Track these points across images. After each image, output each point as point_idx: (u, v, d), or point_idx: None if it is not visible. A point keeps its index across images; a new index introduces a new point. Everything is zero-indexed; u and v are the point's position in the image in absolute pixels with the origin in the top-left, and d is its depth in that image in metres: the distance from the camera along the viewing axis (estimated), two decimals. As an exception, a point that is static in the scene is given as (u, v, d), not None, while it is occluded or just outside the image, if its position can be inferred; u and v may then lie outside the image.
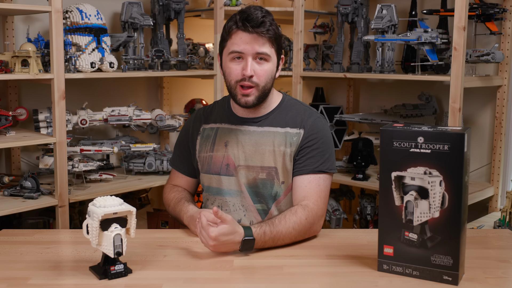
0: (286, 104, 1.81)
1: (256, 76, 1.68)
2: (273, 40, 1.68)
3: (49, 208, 2.46)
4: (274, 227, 1.56)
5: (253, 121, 1.79)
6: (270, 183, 1.75)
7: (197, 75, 3.12)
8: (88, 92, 2.96)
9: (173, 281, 1.36)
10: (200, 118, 1.88)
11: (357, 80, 3.42)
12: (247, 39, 1.66)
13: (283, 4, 3.54)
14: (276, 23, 1.71)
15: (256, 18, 1.64)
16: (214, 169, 1.80)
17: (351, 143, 3.06)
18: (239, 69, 1.68)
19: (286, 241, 1.59)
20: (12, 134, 2.44)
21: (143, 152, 2.94)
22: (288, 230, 1.58)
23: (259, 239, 1.53)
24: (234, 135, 1.79)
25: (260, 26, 1.65)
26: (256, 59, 1.68)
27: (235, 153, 1.77)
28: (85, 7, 2.63)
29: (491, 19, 2.61)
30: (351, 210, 3.50)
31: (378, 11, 2.82)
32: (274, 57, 1.71)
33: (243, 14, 1.67)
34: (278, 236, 1.57)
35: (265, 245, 1.55)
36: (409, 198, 1.34)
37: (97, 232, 1.32)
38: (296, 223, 1.60)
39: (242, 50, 1.66)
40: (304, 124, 1.75)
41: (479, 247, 1.59)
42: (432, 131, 1.30)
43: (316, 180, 1.71)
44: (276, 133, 1.76)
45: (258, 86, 1.69)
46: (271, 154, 1.74)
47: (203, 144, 1.84)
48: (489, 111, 2.85)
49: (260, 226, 1.55)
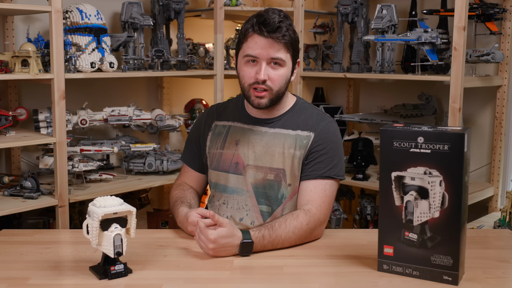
0: (299, 107, 1.81)
1: (270, 81, 1.67)
2: (289, 45, 1.67)
3: (49, 208, 2.46)
4: (273, 231, 1.55)
5: (265, 122, 1.79)
6: (278, 184, 1.74)
7: (197, 75, 3.12)
8: (88, 92, 2.96)
9: (173, 281, 1.36)
10: (213, 114, 1.88)
11: (357, 80, 3.42)
12: (262, 44, 1.64)
13: (283, 4, 3.54)
14: (293, 27, 1.69)
15: (273, 23, 1.63)
16: (223, 166, 1.80)
17: (351, 143, 3.06)
18: (253, 73, 1.67)
19: (286, 245, 1.58)
20: (12, 134, 2.44)
21: (143, 152, 2.94)
22: (288, 234, 1.57)
23: (258, 242, 1.52)
24: (245, 134, 1.79)
25: (276, 32, 1.63)
26: (270, 63, 1.67)
27: (245, 152, 1.77)
28: (85, 7, 2.63)
29: (491, 19, 2.61)
30: (351, 210, 3.50)
31: (378, 11, 2.82)
32: (290, 62, 1.70)
33: (260, 18, 1.65)
34: (277, 240, 1.56)
35: (264, 248, 1.55)
36: (409, 198, 1.34)
37: (97, 232, 1.32)
38: (296, 228, 1.59)
39: (257, 55, 1.65)
40: (315, 128, 1.74)
41: (479, 247, 1.59)
42: (432, 131, 1.30)
43: (322, 185, 1.70)
44: (287, 135, 1.75)
45: (272, 90, 1.69)
46: (281, 156, 1.74)
47: (214, 140, 1.84)
48: (489, 111, 2.85)
49: (259, 229, 1.55)
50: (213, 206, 1.85)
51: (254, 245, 1.51)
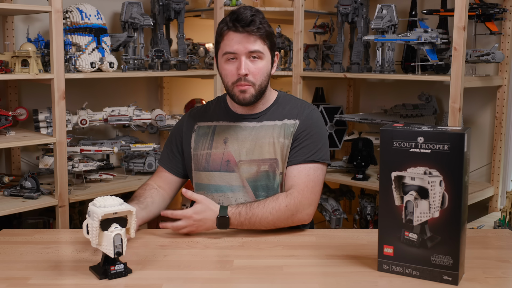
0: (282, 99, 1.85)
1: (251, 75, 1.71)
2: (264, 37, 1.71)
3: (49, 208, 2.46)
4: (250, 209, 1.64)
5: (252, 117, 1.81)
6: (273, 174, 1.76)
7: (197, 75, 3.12)
8: (88, 92, 2.96)
9: (173, 281, 1.36)
10: (194, 116, 1.90)
11: (357, 80, 3.41)
12: (238, 39, 1.69)
13: (283, 4, 3.54)
14: (267, 21, 1.74)
15: (246, 17, 1.68)
16: (214, 166, 1.80)
17: (351, 143, 3.06)
18: (234, 70, 1.71)
19: (264, 224, 1.65)
20: (12, 134, 2.44)
21: (143, 152, 2.94)
22: (264, 214, 1.64)
23: (234, 218, 1.62)
24: (233, 131, 1.81)
25: (250, 25, 1.68)
26: (249, 57, 1.70)
27: (236, 149, 1.78)
28: (85, 7, 2.63)
29: (491, 19, 2.61)
30: (351, 210, 3.50)
31: (378, 11, 2.82)
32: (268, 54, 1.74)
33: (232, 15, 1.70)
34: (254, 218, 1.63)
35: (242, 226, 1.64)
36: (409, 198, 1.34)
37: (97, 232, 1.32)
38: (274, 208, 1.65)
39: (235, 51, 1.69)
40: (300, 116, 1.79)
41: (479, 247, 1.59)
42: (432, 131, 1.30)
43: (305, 170, 1.73)
44: (275, 126, 1.79)
45: (254, 85, 1.72)
46: (271, 146, 1.77)
47: (199, 141, 1.84)
48: (489, 111, 2.85)
49: (237, 206, 1.65)
50: None
51: (231, 220, 1.62)
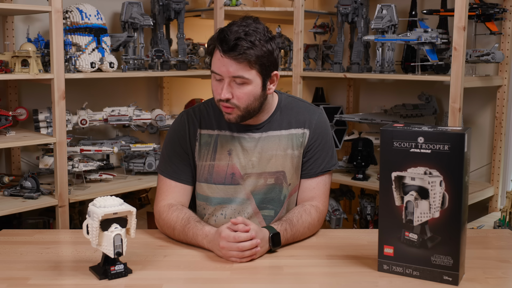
0: (285, 104, 1.75)
1: (235, 98, 1.57)
2: (252, 62, 1.53)
3: (49, 208, 2.46)
4: (293, 225, 1.60)
5: (256, 128, 1.71)
6: (279, 187, 1.72)
7: (197, 75, 3.12)
8: (88, 92, 2.96)
9: (173, 281, 1.36)
10: (193, 122, 1.73)
11: (357, 80, 3.42)
12: (223, 62, 1.54)
13: (283, 4, 3.54)
14: (260, 38, 1.53)
15: (229, 40, 1.50)
16: (217, 179, 1.70)
17: (351, 143, 3.06)
18: (220, 90, 1.58)
19: (300, 239, 1.63)
20: (12, 134, 2.44)
21: (143, 152, 2.94)
22: (304, 230, 1.63)
23: (283, 235, 1.55)
24: (237, 143, 1.70)
25: (234, 50, 1.51)
26: (235, 81, 1.56)
27: (241, 161, 1.69)
28: (85, 7, 2.63)
29: (491, 19, 2.61)
30: (351, 210, 3.50)
31: (378, 11, 2.82)
32: (257, 78, 1.57)
33: (220, 34, 1.54)
34: (296, 235, 1.61)
35: (286, 242, 1.58)
36: (409, 198, 1.34)
37: (97, 232, 1.32)
38: (310, 224, 1.65)
39: (220, 72, 1.56)
40: (309, 124, 1.72)
41: (479, 247, 1.59)
42: (432, 131, 1.30)
43: (323, 180, 1.74)
44: (281, 136, 1.71)
45: (239, 108, 1.59)
46: (279, 158, 1.71)
47: (202, 151, 1.72)
48: (489, 111, 2.85)
49: (280, 223, 1.58)
50: (203, 217, 1.75)
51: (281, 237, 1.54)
